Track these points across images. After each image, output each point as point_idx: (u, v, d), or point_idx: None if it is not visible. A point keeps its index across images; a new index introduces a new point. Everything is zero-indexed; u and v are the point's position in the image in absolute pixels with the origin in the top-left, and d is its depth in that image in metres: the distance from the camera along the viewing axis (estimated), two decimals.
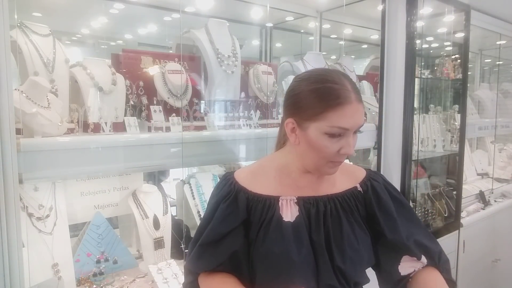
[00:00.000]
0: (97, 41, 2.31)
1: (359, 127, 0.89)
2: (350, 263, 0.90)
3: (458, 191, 2.68)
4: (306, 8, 2.57)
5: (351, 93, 0.88)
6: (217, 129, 1.72)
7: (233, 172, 1.02)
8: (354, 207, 0.97)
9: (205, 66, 1.88)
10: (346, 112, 0.86)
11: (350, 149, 0.88)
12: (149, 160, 1.50)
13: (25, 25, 1.45)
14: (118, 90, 1.57)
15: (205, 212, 1.00)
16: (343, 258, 0.90)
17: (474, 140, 3.75)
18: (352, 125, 0.87)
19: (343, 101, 0.86)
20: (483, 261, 2.86)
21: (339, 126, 0.86)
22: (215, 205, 0.97)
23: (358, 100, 0.89)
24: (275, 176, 0.98)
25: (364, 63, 3.27)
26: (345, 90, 0.88)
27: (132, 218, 1.68)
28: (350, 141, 0.88)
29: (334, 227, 0.93)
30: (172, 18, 2.21)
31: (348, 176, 1.02)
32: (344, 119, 0.86)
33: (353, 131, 0.89)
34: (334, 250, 0.90)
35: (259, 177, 0.98)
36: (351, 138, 0.88)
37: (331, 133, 0.87)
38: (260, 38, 2.78)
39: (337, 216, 0.94)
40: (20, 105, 1.22)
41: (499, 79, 3.80)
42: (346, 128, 0.87)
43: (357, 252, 0.92)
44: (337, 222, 0.94)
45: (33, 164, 1.22)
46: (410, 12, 2.11)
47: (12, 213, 1.10)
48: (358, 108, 0.88)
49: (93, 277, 1.50)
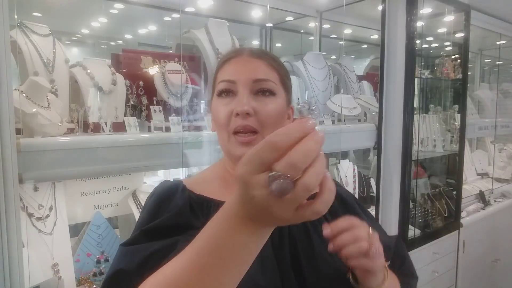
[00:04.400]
0: (97, 41, 2.31)
1: (253, 79, 0.74)
2: (326, 281, 0.72)
3: (458, 191, 2.68)
4: (306, 8, 2.57)
5: (244, 50, 0.78)
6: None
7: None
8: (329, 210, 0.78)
9: (205, 66, 1.88)
10: (232, 65, 0.77)
11: (239, 105, 0.71)
12: (149, 160, 1.50)
13: (25, 25, 1.45)
14: (118, 90, 1.57)
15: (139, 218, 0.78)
16: (317, 274, 0.72)
17: (474, 140, 3.75)
18: (239, 76, 0.74)
19: (232, 55, 0.79)
20: (483, 261, 2.86)
21: (223, 79, 0.76)
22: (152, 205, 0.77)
23: (255, 55, 0.77)
24: (220, 181, 0.81)
25: (364, 63, 3.28)
26: (238, 49, 0.80)
27: (132, 218, 1.68)
28: (243, 97, 0.73)
29: (301, 240, 0.75)
30: (172, 18, 2.21)
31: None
32: (229, 71, 0.77)
33: (246, 85, 0.74)
34: (304, 266, 0.72)
35: (215, 181, 0.82)
36: (244, 94, 0.73)
37: (219, 91, 0.76)
38: (260, 38, 2.78)
39: (304, 226, 0.76)
40: (20, 105, 1.22)
41: (499, 79, 3.80)
42: (231, 80, 0.75)
43: (331, 264, 0.73)
44: (303, 231, 0.76)
45: (33, 164, 1.22)
46: (410, 12, 2.11)
47: (12, 213, 1.10)
48: (251, 60, 0.76)
49: (93, 277, 1.50)
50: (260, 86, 0.75)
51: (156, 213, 0.74)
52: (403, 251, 0.87)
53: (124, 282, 0.62)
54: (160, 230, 0.69)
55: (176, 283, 0.49)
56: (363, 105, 2.40)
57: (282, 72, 0.80)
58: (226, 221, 0.46)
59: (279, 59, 0.83)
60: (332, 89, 2.41)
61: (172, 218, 0.71)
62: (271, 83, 0.76)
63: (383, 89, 2.19)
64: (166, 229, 0.69)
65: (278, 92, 0.77)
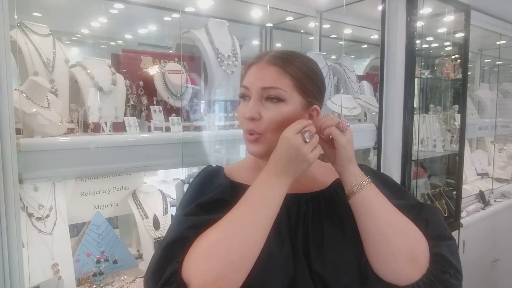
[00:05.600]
0: (97, 41, 2.31)
1: (261, 87, 0.81)
2: (331, 268, 0.80)
3: (458, 191, 2.68)
4: (306, 8, 2.57)
5: (266, 56, 0.83)
6: (217, 129, 1.72)
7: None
8: (340, 203, 0.87)
9: (205, 66, 1.88)
10: (251, 71, 0.84)
11: (247, 111, 0.81)
12: (149, 160, 1.50)
13: (25, 25, 1.45)
14: (118, 90, 1.57)
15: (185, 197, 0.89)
16: (323, 263, 0.80)
17: (474, 140, 3.75)
18: (251, 84, 0.82)
19: (253, 61, 0.85)
20: (483, 261, 2.86)
21: (242, 84, 0.85)
22: (199, 184, 0.89)
23: (270, 62, 0.82)
24: (252, 169, 0.91)
25: (364, 63, 3.28)
26: (263, 53, 0.85)
27: (132, 218, 1.68)
28: (251, 103, 0.81)
29: (314, 229, 0.84)
30: (172, 18, 2.21)
31: (329, 170, 0.92)
32: (247, 78, 0.84)
33: (256, 92, 0.81)
34: (313, 255, 0.81)
35: (248, 170, 0.92)
36: (253, 100, 0.81)
37: (240, 94, 0.85)
38: (260, 38, 2.78)
39: (319, 217, 0.86)
40: (20, 105, 1.22)
41: (499, 79, 3.80)
42: (246, 86, 0.83)
43: (342, 256, 0.81)
44: (318, 223, 0.85)
45: (33, 164, 1.22)
46: (410, 12, 2.11)
47: (12, 213, 1.10)
48: (265, 68, 0.81)
49: (93, 277, 1.50)
50: (267, 93, 0.81)
51: (202, 190, 0.86)
52: (426, 213, 0.86)
53: (184, 245, 0.73)
54: (209, 204, 0.81)
55: (225, 226, 0.73)
56: (363, 105, 2.40)
57: (300, 77, 0.82)
58: (260, 179, 0.77)
59: (303, 62, 0.84)
60: (332, 89, 2.41)
61: (218, 194, 0.83)
62: (279, 91, 0.80)
63: (383, 89, 2.19)
64: (214, 203, 0.81)
65: (289, 98, 0.81)
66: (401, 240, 0.78)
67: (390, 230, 0.78)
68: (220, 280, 0.68)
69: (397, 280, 0.78)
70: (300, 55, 0.86)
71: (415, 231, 0.80)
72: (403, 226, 0.79)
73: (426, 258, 0.78)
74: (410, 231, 0.80)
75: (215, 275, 0.68)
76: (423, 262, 0.78)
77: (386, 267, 0.79)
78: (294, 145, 0.74)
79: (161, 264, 0.72)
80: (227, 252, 0.70)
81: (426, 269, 0.78)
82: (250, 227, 0.72)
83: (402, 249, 0.77)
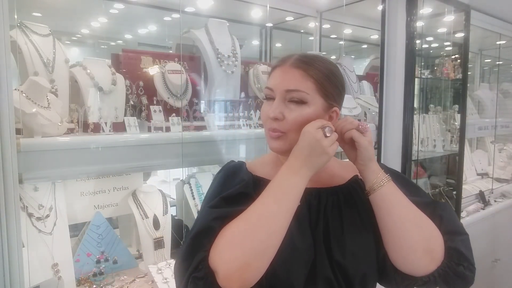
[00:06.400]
0: (97, 41, 2.31)
1: (285, 90, 0.85)
2: (351, 258, 0.85)
3: (458, 191, 2.68)
4: (306, 8, 2.57)
5: (290, 59, 0.88)
6: (217, 129, 1.72)
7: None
8: (358, 198, 0.93)
9: (205, 66, 1.88)
10: (275, 73, 0.89)
11: (271, 111, 0.85)
12: (149, 160, 1.50)
13: (25, 25, 1.45)
14: (118, 90, 1.57)
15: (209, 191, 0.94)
16: (343, 253, 0.85)
17: (474, 140, 3.75)
18: (275, 85, 0.87)
19: (278, 64, 0.90)
20: (483, 261, 2.86)
21: (267, 85, 0.90)
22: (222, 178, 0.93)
23: (294, 65, 0.86)
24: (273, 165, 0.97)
25: (364, 63, 3.28)
26: (287, 56, 0.89)
27: (132, 218, 1.68)
28: (275, 104, 0.86)
29: (333, 221, 0.89)
30: (172, 18, 2.21)
31: (346, 167, 0.98)
32: (272, 79, 0.89)
33: (280, 94, 0.86)
34: (333, 245, 0.86)
35: (269, 165, 0.97)
36: (277, 102, 0.86)
37: (264, 95, 0.91)
38: (260, 38, 2.78)
39: (338, 210, 0.91)
40: (20, 105, 1.22)
41: (499, 79, 3.80)
42: (271, 87, 0.88)
43: (361, 246, 0.87)
44: (338, 216, 0.90)
45: (33, 164, 1.22)
46: (410, 12, 2.11)
47: (12, 213, 1.10)
48: (289, 71, 0.86)
49: (93, 277, 1.50)
50: (291, 95, 0.85)
51: (225, 184, 0.91)
52: (440, 210, 0.91)
53: (211, 235, 0.78)
54: (233, 197, 0.86)
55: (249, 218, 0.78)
56: (363, 105, 2.40)
57: (322, 80, 0.87)
58: (282, 172, 0.82)
59: (326, 66, 0.88)
60: None
61: (241, 188, 0.88)
62: (302, 93, 0.85)
63: (383, 89, 2.19)
64: (238, 196, 0.86)
65: (311, 100, 0.86)
66: (418, 234, 0.83)
67: (409, 224, 0.83)
68: (244, 267, 0.74)
69: (414, 271, 0.84)
70: (322, 59, 0.90)
71: (431, 225, 0.85)
72: (420, 221, 0.85)
73: (441, 251, 0.84)
74: (426, 226, 0.85)
75: (239, 263, 0.74)
76: (439, 255, 0.84)
77: (404, 259, 0.84)
78: (315, 138, 0.80)
79: (189, 253, 0.78)
80: (251, 242, 0.75)
81: (441, 262, 0.84)
82: (272, 218, 0.77)
83: (420, 242, 0.82)
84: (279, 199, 0.78)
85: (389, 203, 0.85)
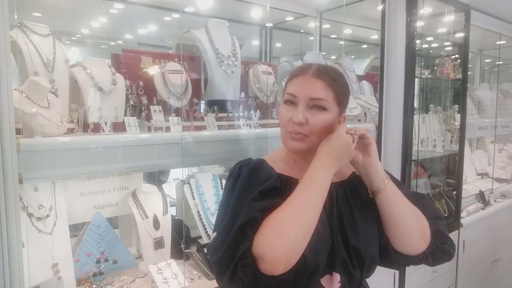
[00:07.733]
0: (97, 41, 2.31)
1: (310, 98, 0.97)
2: (363, 242, 0.98)
3: (458, 191, 2.68)
4: (306, 8, 2.57)
5: (310, 69, 1.00)
6: (217, 129, 1.72)
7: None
8: (360, 191, 1.06)
9: (205, 66, 1.88)
10: (298, 81, 1.00)
11: (297, 116, 0.97)
12: (149, 160, 1.50)
13: (25, 25, 1.45)
14: (118, 90, 1.57)
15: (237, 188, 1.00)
16: (357, 237, 0.98)
17: (474, 140, 3.75)
18: (300, 93, 0.98)
19: (299, 73, 1.02)
20: (483, 261, 2.86)
21: (288, 92, 1.01)
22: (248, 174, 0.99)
23: (316, 76, 0.99)
24: (294, 161, 1.07)
25: (364, 63, 3.28)
26: (306, 66, 1.02)
27: (132, 218, 1.68)
28: (300, 110, 0.97)
29: (345, 211, 1.02)
30: (172, 18, 2.21)
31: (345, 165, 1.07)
32: (294, 87, 1.00)
33: (304, 101, 0.98)
34: (348, 231, 0.99)
35: (281, 162, 1.07)
36: (301, 108, 0.97)
37: (285, 100, 1.02)
38: (260, 38, 2.78)
39: (347, 201, 1.04)
40: (20, 105, 1.22)
41: (499, 79, 3.80)
42: (294, 94, 0.99)
43: (369, 231, 1.01)
44: (348, 206, 1.03)
45: (33, 164, 1.22)
46: (410, 12, 2.11)
47: (12, 213, 1.10)
48: (312, 80, 0.99)
49: (93, 277, 1.50)
50: (314, 103, 0.98)
51: (251, 180, 0.98)
52: (422, 200, 1.09)
53: (255, 225, 0.88)
54: (268, 191, 0.95)
55: (291, 209, 0.89)
56: (363, 105, 2.40)
57: (339, 91, 1.01)
58: (316, 169, 0.94)
59: (340, 77, 1.03)
60: None
61: (274, 182, 0.97)
62: (324, 102, 0.98)
63: (383, 89, 2.19)
64: (272, 190, 0.96)
65: (330, 108, 0.99)
66: (415, 222, 1.01)
67: (408, 215, 1.00)
68: (290, 252, 0.85)
69: (412, 251, 1.02)
70: (337, 71, 1.05)
71: (421, 214, 1.03)
72: (414, 211, 1.02)
73: (429, 233, 1.03)
74: (419, 215, 1.03)
75: (286, 248, 0.84)
76: (428, 236, 1.02)
77: (405, 242, 1.01)
78: (348, 141, 0.96)
79: (234, 242, 0.87)
80: (295, 229, 0.86)
81: (430, 242, 1.02)
82: (311, 208, 0.90)
83: (416, 228, 1.01)
84: (315, 192, 0.91)
85: (392, 201, 1.00)
